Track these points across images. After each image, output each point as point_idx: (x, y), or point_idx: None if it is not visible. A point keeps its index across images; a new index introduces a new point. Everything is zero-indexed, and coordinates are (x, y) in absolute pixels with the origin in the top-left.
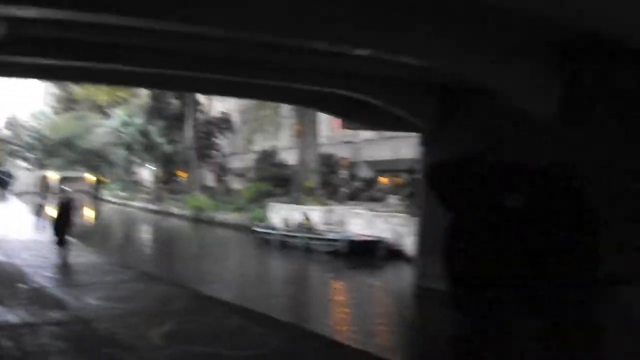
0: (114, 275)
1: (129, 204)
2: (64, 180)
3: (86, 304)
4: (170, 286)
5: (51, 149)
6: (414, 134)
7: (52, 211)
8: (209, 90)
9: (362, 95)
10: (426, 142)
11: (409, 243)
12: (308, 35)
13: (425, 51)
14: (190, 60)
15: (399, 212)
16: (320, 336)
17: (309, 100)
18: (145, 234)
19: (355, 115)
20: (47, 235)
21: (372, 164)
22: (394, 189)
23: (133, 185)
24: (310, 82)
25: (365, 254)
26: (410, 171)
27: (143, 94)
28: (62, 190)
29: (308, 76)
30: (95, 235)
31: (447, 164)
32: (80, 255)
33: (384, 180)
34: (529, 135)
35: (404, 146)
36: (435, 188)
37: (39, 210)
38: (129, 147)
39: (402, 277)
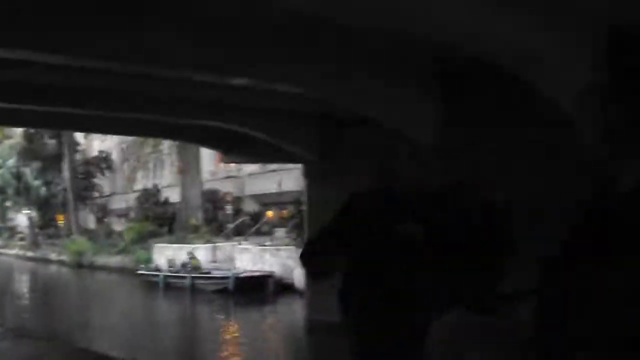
0: None
1: (3, 252)
2: None
3: None
4: (41, 342)
5: None
6: (297, 165)
7: None
8: (84, 128)
9: (241, 127)
10: (309, 174)
11: (298, 275)
12: (180, 64)
13: (298, 80)
14: (63, 94)
15: (287, 245)
16: None
17: (188, 135)
18: (18, 284)
19: (236, 148)
20: None
21: (258, 198)
22: (281, 222)
23: (7, 232)
24: (187, 115)
25: (255, 290)
26: (296, 203)
27: (16, 134)
28: None
29: (185, 109)
30: None
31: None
32: None
33: (270, 213)
34: (417, 161)
35: (288, 178)
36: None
37: None
38: (1, 191)
39: (294, 311)
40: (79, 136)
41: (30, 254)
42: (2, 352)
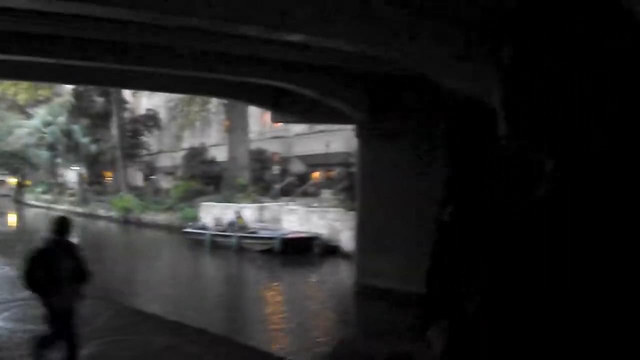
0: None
1: (54, 207)
2: None
3: None
4: (92, 300)
5: None
6: (346, 126)
7: None
8: (133, 85)
9: (293, 85)
10: (362, 134)
11: (345, 238)
12: (236, 19)
13: (360, 38)
14: (111, 50)
15: (334, 207)
16: (262, 353)
17: (238, 93)
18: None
19: (285, 107)
20: None
21: (305, 159)
22: (328, 184)
23: (58, 188)
24: (239, 73)
25: (301, 251)
26: (344, 165)
27: (65, 92)
28: None
29: (237, 65)
30: (14, 243)
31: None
32: None
33: (316, 175)
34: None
35: (336, 140)
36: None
37: None
38: (51, 147)
39: (341, 274)
40: (127, 94)
41: (79, 209)
42: None
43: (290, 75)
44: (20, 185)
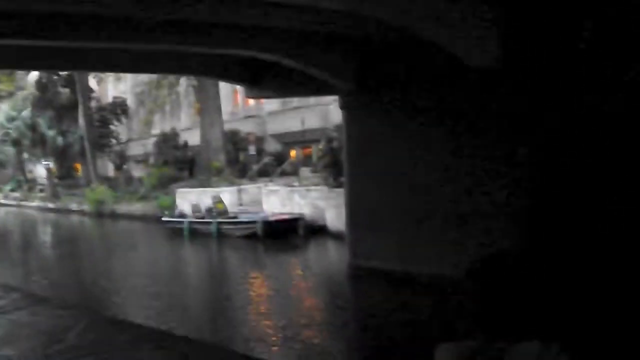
0: None
1: (24, 204)
2: None
3: None
4: (63, 310)
5: None
6: (321, 101)
7: None
8: (99, 66)
9: (273, 54)
10: (347, 106)
11: (331, 217)
12: None
13: None
14: (76, 25)
15: (316, 185)
16: None
17: (213, 69)
18: (38, 237)
19: (264, 82)
20: None
21: (280, 137)
22: (306, 162)
23: (27, 184)
24: (214, 43)
25: (285, 234)
26: (326, 140)
27: (28, 86)
28: None
29: (211, 34)
30: None
31: None
32: None
33: (293, 153)
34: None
35: (311, 116)
36: None
37: None
38: (17, 143)
39: (329, 256)
40: (92, 83)
41: (50, 205)
42: (22, 325)
43: (270, 43)
44: None
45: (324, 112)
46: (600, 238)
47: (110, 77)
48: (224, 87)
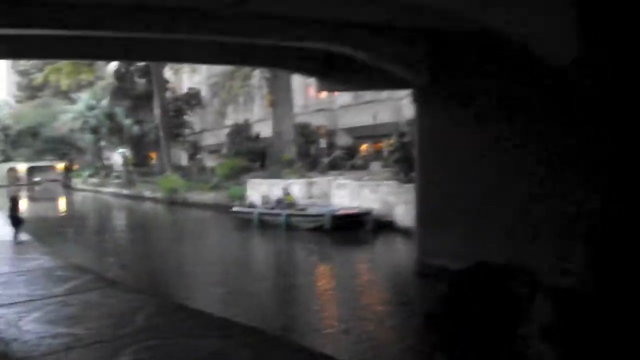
0: (64, 283)
1: (100, 190)
2: (32, 170)
3: (20, 333)
4: (133, 294)
5: (16, 140)
6: (394, 96)
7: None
8: (174, 57)
9: (347, 47)
10: (420, 99)
11: (400, 213)
12: None
13: None
14: (155, 17)
15: (387, 179)
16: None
17: (286, 61)
18: (113, 222)
19: (336, 75)
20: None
21: (351, 131)
22: (376, 156)
23: (104, 171)
24: (290, 37)
25: (352, 228)
26: (398, 135)
27: (107, 76)
28: (31, 182)
29: (288, 28)
30: (58, 229)
31: None
32: (31, 258)
33: (364, 147)
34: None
35: (383, 110)
36: None
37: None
38: (95, 131)
39: (398, 253)
40: (168, 74)
41: (125, 191)
42: (93, 306)
43: (344, 36)
44: (68, 170)
45: (396, 106)
46: None
47: (185, 68)
48: (296, 79)
